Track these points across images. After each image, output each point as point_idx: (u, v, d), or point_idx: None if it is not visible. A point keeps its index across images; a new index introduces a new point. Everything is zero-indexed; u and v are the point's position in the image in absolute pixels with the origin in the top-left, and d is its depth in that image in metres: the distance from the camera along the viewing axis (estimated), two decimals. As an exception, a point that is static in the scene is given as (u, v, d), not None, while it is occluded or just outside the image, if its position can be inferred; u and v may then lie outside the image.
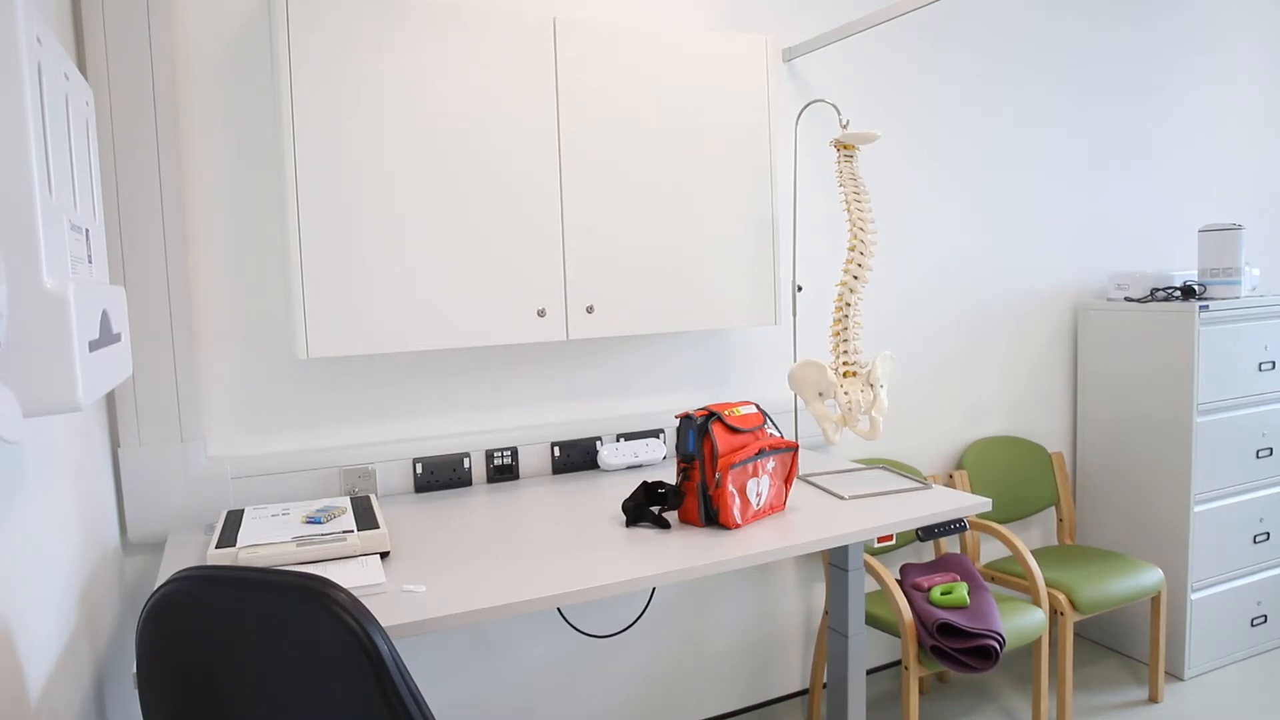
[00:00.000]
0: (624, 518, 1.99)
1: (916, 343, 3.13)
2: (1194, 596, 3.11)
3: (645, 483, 1.97)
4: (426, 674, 2.38)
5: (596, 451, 2.51)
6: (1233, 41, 4.00)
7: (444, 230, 2.05)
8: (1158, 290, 3.27)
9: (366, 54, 1.95)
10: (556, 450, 2.48)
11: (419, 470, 2.32)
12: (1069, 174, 3.47)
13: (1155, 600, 2.94)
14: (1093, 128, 3.53)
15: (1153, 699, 2.97)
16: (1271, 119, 4.22)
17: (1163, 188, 3.79)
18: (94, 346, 1.14)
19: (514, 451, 2.43)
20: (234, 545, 1.66)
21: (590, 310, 2.22)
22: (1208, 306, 3.03)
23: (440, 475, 2.34)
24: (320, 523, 1.81)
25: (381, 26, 1.96)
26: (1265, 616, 3.29)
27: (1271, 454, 3.25)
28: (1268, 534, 3.27)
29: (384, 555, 1.76)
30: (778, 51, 2.76)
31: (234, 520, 1.85)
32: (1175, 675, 3.13)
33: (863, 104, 2.95)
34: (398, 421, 2.34)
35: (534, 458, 2.47)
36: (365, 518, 1.85)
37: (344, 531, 1.74)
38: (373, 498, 2.02)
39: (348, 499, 2.01)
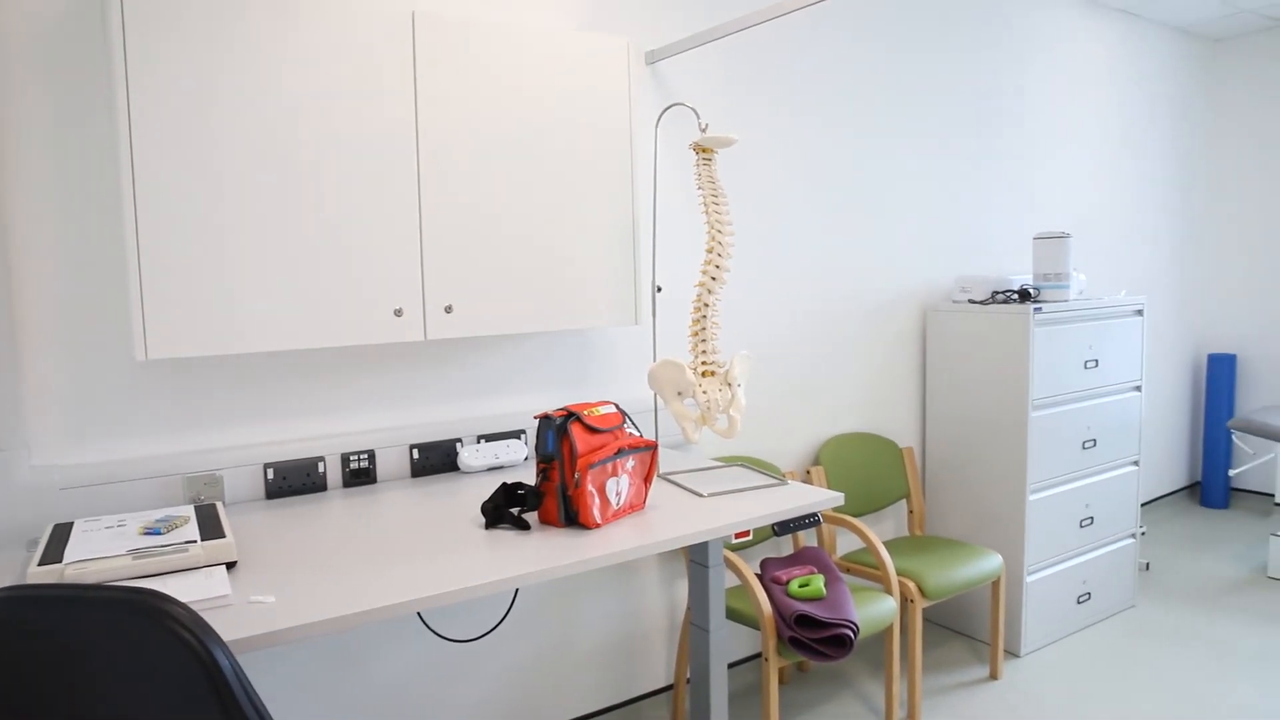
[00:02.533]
0: (483, 520, 1.97)
1: (774, 343, 3.22)
2: (1029, 579, 3.32)
3: (505, 484, 1.96)
4: (283, 686, 2.29)
5: (457, 453, 2.47)
6: (1066, 68, 4.30)
7: (296, 227, 1.98)
8: (998, 293, 3.47)
9: (211, 41, 1.86)
10: (415, 452, 2.43)
11: (270, 476, 2.23)
12: (919, 184, 3.65)
13: (995, 584, 3.12)
14: (941, 142, 3.72)
15: (993, 676, 3.15)
16: (1096, 139, 4.56)
17: (1004, 199, 4.03)
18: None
19: (371, 454, 2.37)
20: (60, 561, 1.55)
21: (449, 310, 2.19)
22: (1041, 308, 3.25)
23: (293, 480, 2.26)
24: (160, 533, 1.72)
25: (228, 14, 1.87)
26: (1090, 594, 3.55)
27: (1095, 445, 3.51)
28: (1092, 519, 3.53)
29: (231, 565, 1.69)
30: (640, 54, 2.79)
31: (61, 534, 1.73)
32: (1013, 653, 3.34)
33: (725, 108, 3.02)
34: (247, 425, 2.24)
35: (392, 461, 2.41)
36: (210, 527, 1.76)
37: (186, 542, 1.66)
38: (219, 506, 1.93)
39: (192, 508, 1.92)
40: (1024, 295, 3.39)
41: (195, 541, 1.66)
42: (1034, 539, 3.32)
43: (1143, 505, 5.19)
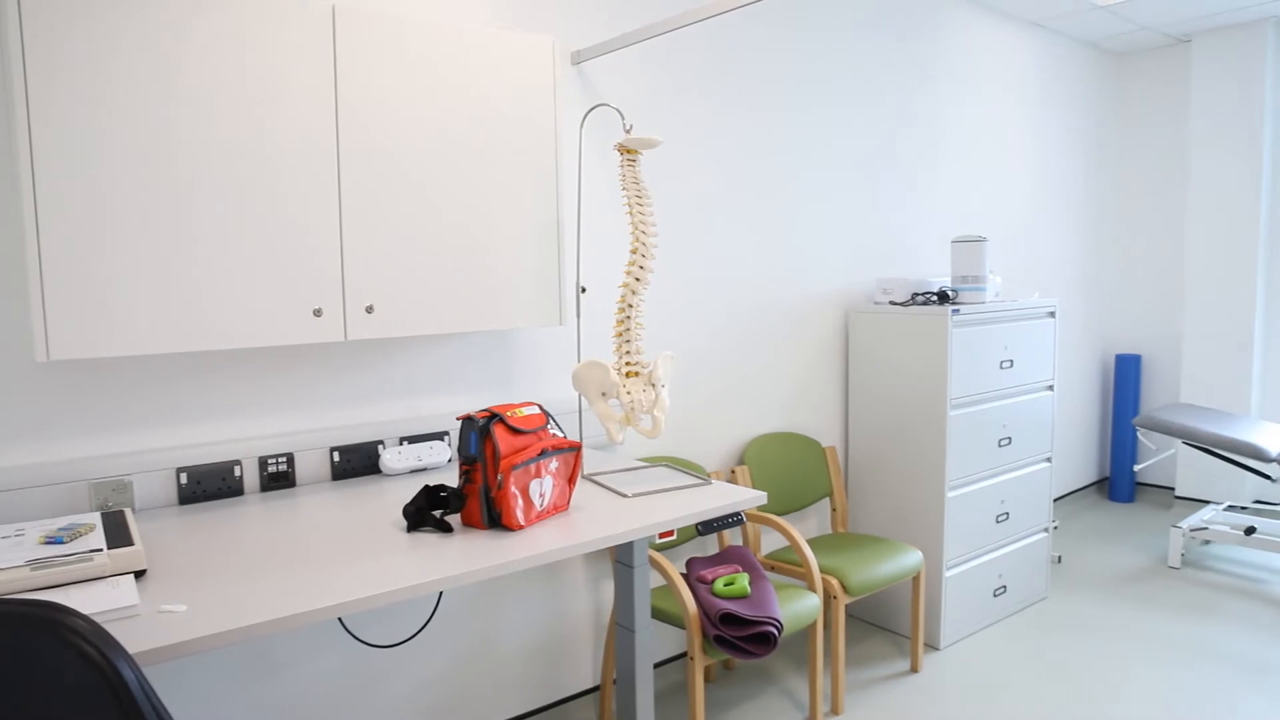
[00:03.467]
0: (405, 523, 1.94)
1: (699, 343, 3.25)
2: (948, 574, 3.41)
3: (427, 486, 1.94)
4: (199, 698, 2.22)
5: (379, 456, 2.43)
6: (982, 78, 4.43)
7: (211, 224, 1.92)
8: (917, 295, 3.56)
9: (120, 33, 1.80)
10: (336, 455, 2.39)
11: (183, 481, 2.16)
12: (843, 188, 3.72)
13: (916, 580, 3.20)
14: (864, 148, 3.80)
15: (914, 669, 3.23)
16: (1011, 147, 4.70)
17: (923, 203, 4.13)
18: None
19: (290, 458, 2.31)
20: (-48, 572, 1.48)
21: (370, 310, 2.15)
22: (959, 310, 3.33)
23: (208, 485, 2.19)
24: (62, 542, 1.65)
25: (132, 4, 1.81)
26: (1005, 587, 3.66)
27: (1011, 443, 3.62)
28: (1007, 514, 3.64)
29: (139, 574, 1.63)
30: (566, 54, 2.79)
31: (-45, 544, 1.65)
32: (933, 646, 3.42)
33: (650, 109, 3.03)
34: (159, 429, 2.17)
35: (312, 464, 2.36)
36: (118, 534, 1.70)
37: (91, 551, 1.60)
38: (128, 513, 1.87)
39: (98, 515, 1.85)
40: (942, 297, 3.47)
41: (101, 550, 1.60)
42: (952, 535, 3.41)
43: (1055, 500, 5.37)
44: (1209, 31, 5.06)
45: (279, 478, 2.30)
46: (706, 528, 2.80)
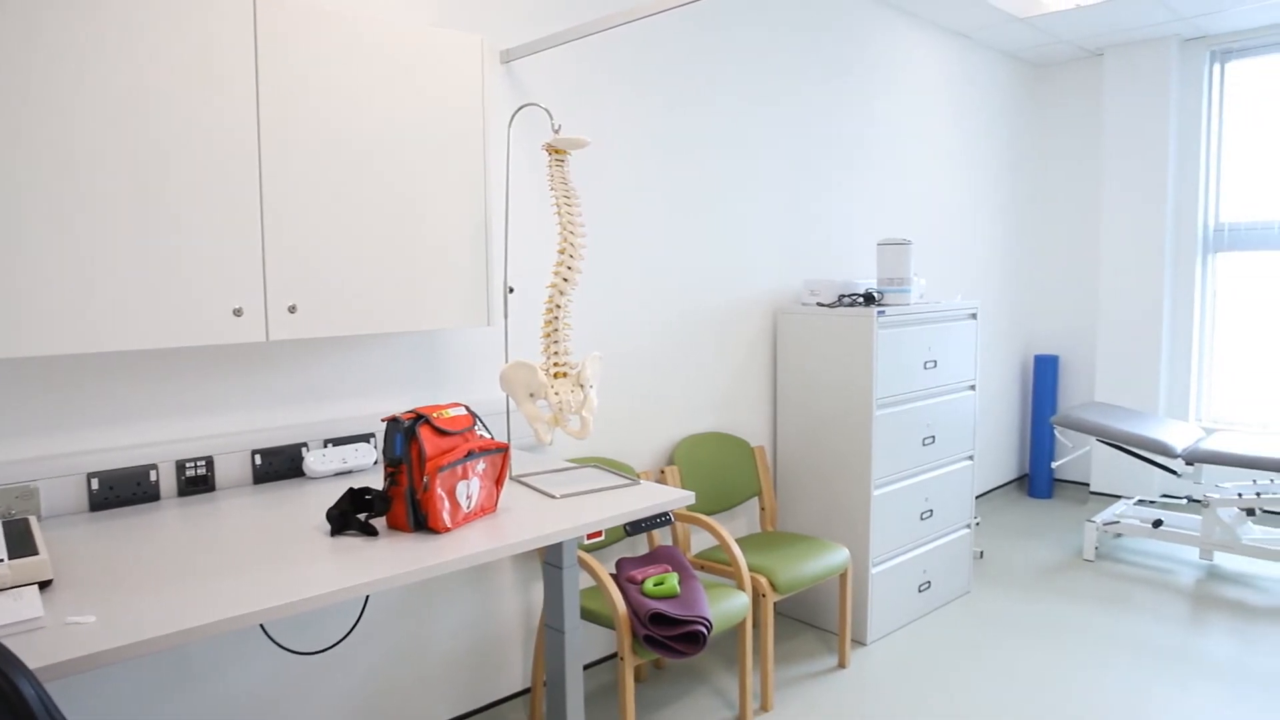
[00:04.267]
0: (329, 527, 1.90)
1: (629, 344, 3.26)
2: (874, 571, 3.47)
3: (351, 489, 1.90)
4: (112, 712, 2.14)
5: (302, 459, 2.38)
6: (908, 86, 4.53)
7: (125, 219, 1.85)
8: (844, 296, 3.62)
9: (26, 25, 1.72)
10: (258, 458, 2.33)
11: (94, 486, 2.08)
12: (772, 190, 3.76)
13: (843, 577, 3.25)
14: (793, 150, 3.85)
15: (841, 665, 3.28)
16: (936, 152, 4.82)
17: (851, 206, 4.21)
18: None
19: (209, 461, 2.25)
20: None
21: (293, 310, 2.11)
22: (884, 311, 3.40)
23: (121, 491, 2.12)
24: (-39, 552, 1.58)
25: (39, -10, 1.74)
26: (930, 583, 3.75)
27: (934, 441, 3.70)
28: (931, 511, 3.72)
29: (45, 585, 1.57)
30: (495, 52, 2.77)
31: None
32: (860, 642, 3.48)
33: (580, 109, 3.03)
34: (68, 432, 2.09)
35: (232, 467, 2.30)
36: (20, 543, 1.63)
37: (-9, 560, 1.53)
38: (33, 520, 1.79)
39: None
40: (868, 298, 3.54)
41: (2, 560, 1.54)
42: (878, 532, 3.47)
43: (977, 497, 5.52)
44: (1119, 46, 5.26)
45: (197, 482, 2.23)
46: (635, 528, 2.80)
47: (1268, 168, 5.04)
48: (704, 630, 2.52)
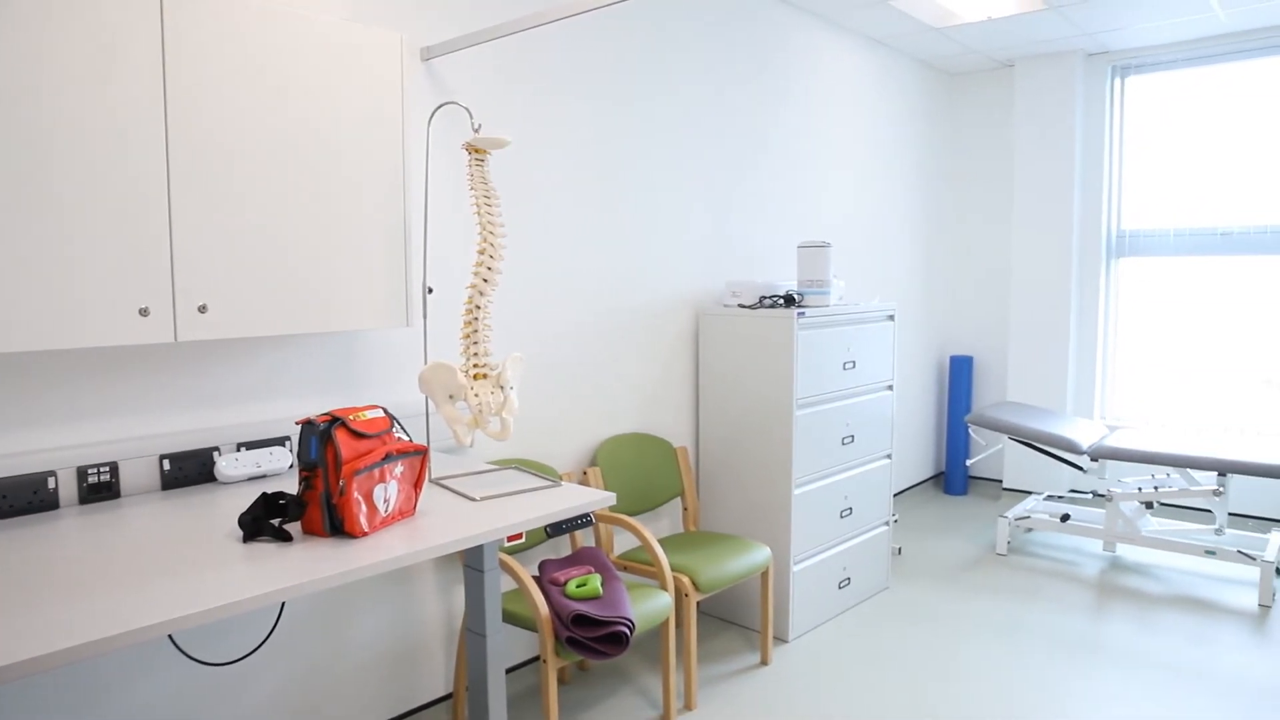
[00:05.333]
0: (241, 533, 1.85)
1: (550, 345, 3.25)
2: (795, 568, 3.53)
3: (264, 494, 1.86)
4: (1, 730, 2.05)
5: (214, 463, 2.31)
6: (827, 91, 4.61)
7: (23, 213, 1.78)
8: (765, 298, 3.67)
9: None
10: (166, 463, 2.25)
11: (-12, 495, 1.99)
12: (694, 193, 3.80)
13: (764, 575, 3.30)
14: (714, 153, 3.89)
15: (764, 662, 3.33)
16: (854, 157, 4.92)
17: (772, 209, 4.27)
18: None
19: (114, 467, 2.17)
20: None
21: (203, 310, 2.05)
22: (804, 313, 3.46)
23: (16, 499, 2.02)
24: None
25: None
26: (850, 579, 3.82)
27: (853, 441, 3.78)
28: (851, 509, 3.80)
29: (-68, 597, 1.49)
30: (415, 50, 2.73)
31: None
32: (782, 638, 3.54)
33: (502, 109, 3.01)
34: (-40, 439, 2.00)
35: (139, 473, 2.22)
36: (-94, 554, 1.55)
37: (-127, 573, 1.45)
38: (-80, 530, 1.71)
39: (-116, 533, 1.68)
40: (789, 300, 3.60)
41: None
42: (799, 530, 3.53)
43: (895, 495, 5.65)
44: (1029, 59, 5.45)
45: (100, 489, 2.15)
46: (556, 529, 2.80)
47: (1165, 179, 5.28)
48: (627, 631, 2.53)
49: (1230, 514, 5.16)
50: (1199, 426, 5.29)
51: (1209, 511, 5.19)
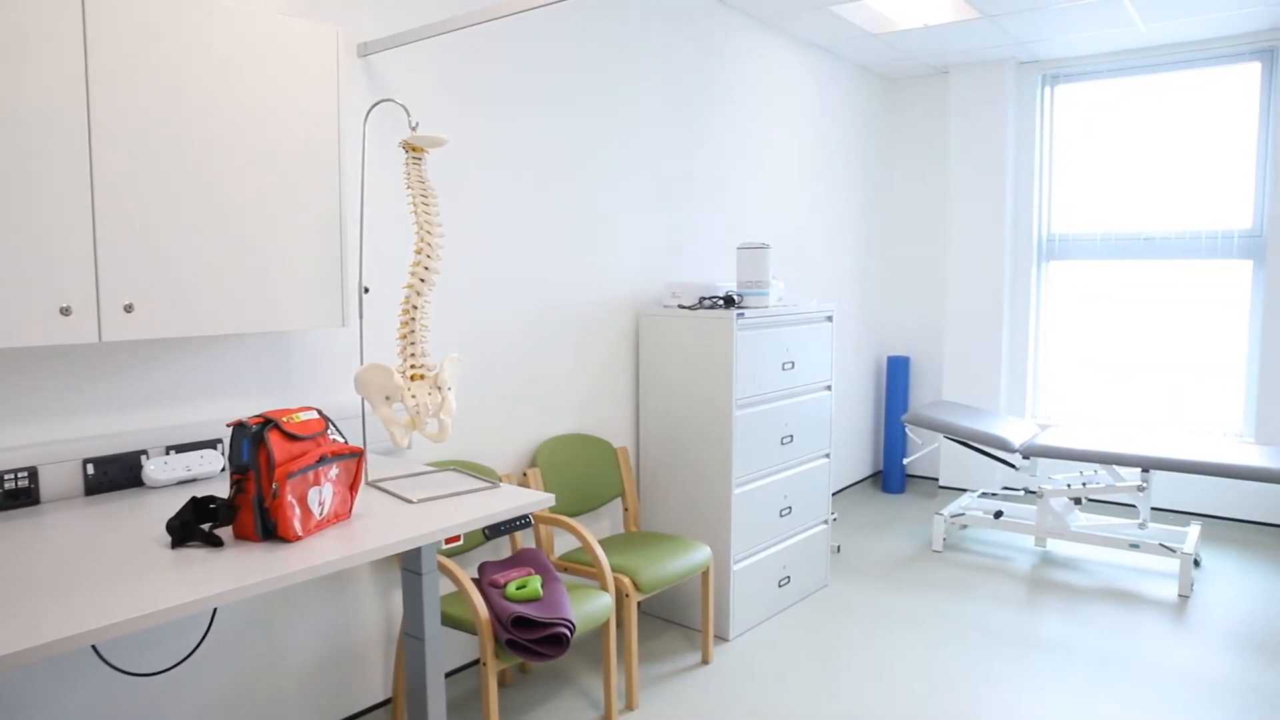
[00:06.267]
0: (169, 539, 1.80)
1: (490, 345, 3.23)
2: (736, 567, 3.55)
3: (194, 498, 1.81)
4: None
5: (141, 467, 2.25)
6: (767, 94, 4.66)
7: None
8: (705, 299, 3.69)
9: None
10: (90, 468, 2.18)
11: (-102, 501, 1.91)
12: (635, 193, 3.80)
13: (705, 575, 3.31)
14: (656, 157, 3.90)
15: (705, 660, 3.34)
16: (794, 160, 4.98)
17: (712, 210, 4.30)
18: None
19: (32, 472, 2.09)
20: None
21: (129, 309, 1.98)
22: (743, 314, 3.49)
23: (-70, 506, 1.94)
24: None
25: None
26: (789, 577, 3.86)
27: (793, 440, 3.82)
28: (790, 508, 3.84)
29: None
30: (352, 45, 2.69)
31: None
32: (723, 637, 3.56)
33: (441, 107, 2.98)
34: None
35: (60, 478, 2.14)
36: None
37: None
38: None
39: None
40: (728, 301, 3.62)
41: None
42: (739, 530, 3.56)
43: (834, 494, 5.73)
44: (963, 65, 5.58)
45: (18, 495, 2.07)
46: (494, 531, 2.77)
47: (1092, 185, 5.45)
48: (567, 632, 2.52)
49: (1153, 509, 5.34)
50: (1124, 424, 5.47)
51: (1134, 506, 5.37)
